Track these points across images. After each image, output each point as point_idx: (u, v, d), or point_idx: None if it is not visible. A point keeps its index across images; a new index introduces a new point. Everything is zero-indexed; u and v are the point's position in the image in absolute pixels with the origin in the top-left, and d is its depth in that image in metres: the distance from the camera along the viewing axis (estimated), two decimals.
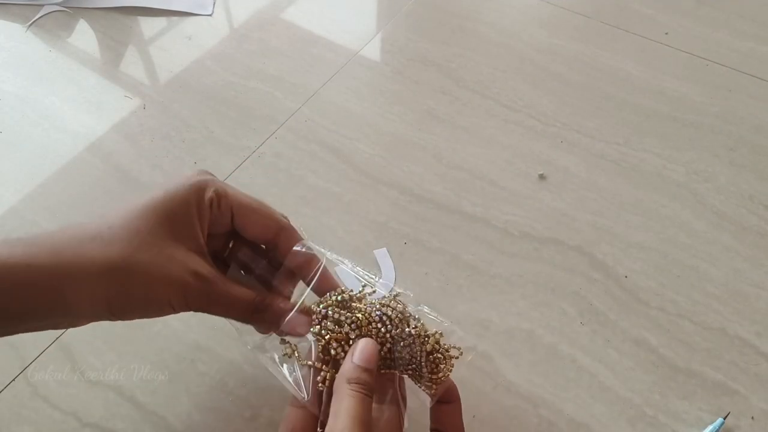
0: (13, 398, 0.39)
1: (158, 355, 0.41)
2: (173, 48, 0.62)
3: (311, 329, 0.32)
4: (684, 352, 0.41)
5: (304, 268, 0.34)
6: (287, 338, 0.33)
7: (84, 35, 0.63)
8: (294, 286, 0.35)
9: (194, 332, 0.42)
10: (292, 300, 0.34)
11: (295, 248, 0.34)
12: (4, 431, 0.37)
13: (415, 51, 0.61)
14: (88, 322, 0.31)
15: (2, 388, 0.39)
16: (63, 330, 0.42)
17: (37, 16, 0.64)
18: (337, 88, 0.58)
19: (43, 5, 0.65)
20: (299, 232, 0.35)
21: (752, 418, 0.38)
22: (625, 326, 0.42)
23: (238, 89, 0.58)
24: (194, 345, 0.41)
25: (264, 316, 0.32)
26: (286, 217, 0.35)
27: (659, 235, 0.47)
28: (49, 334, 0.41)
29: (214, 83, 0.58)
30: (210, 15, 0.66)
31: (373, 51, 0.62)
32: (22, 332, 0.29)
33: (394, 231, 0.47)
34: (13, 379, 0.39)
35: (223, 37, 0.63)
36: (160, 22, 0.65)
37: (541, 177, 0.51)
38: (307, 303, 0.33)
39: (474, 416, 0.38)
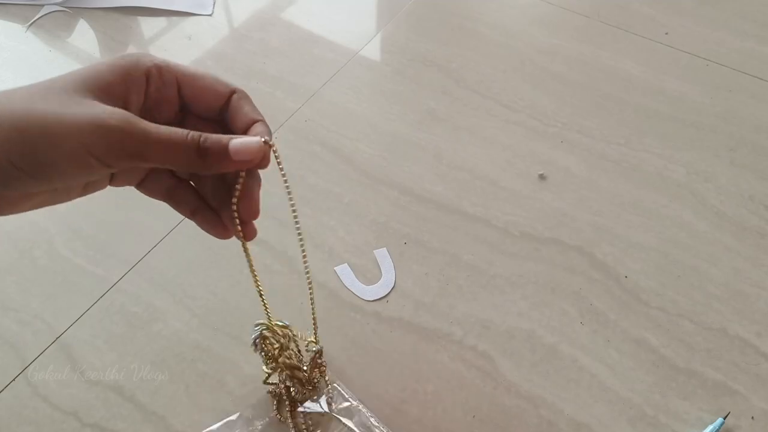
0: (14, 398, 0.39)
1: (158, 355, 0.41)
2: (173, 48, 0.62)
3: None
4: (684, 352, 0.41)
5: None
6: None
7: (84, 35, 0.63)
8: None
9: (194, 332, 0.42)
10: None
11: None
12: (4, 431, 0.37)
13: (416, 51, 0.61)
14: (8, 191, 0.27)
15: (2, 388, 0.39)
16: (63, 330, 0.42)
17: (37, 16, 0.64)
18: (337, 88, 0.58)
19: (43, 5, 0.65)
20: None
21: (752, 418, 0.38)
22: (626, 326, 0.42)
23: None
24: (194, 345, 0.41)
25: (208, 148, 0.28)
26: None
27: (659, 235, 0.47)
28: (49, 334, 0.41)
29: None
30: (210, 15, 0.66)
31: (373, 51, 0.62)
32: None
33: (394, 231, 0.47)
34: (13, 379, 0.39)
35: (223, 37, 0.63)
36: (160, 22, 0.65)
37: (542, 177, 0.51)
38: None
39: (474, 416, 0.38)
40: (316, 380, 0.39)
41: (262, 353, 0.37)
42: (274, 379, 0.39)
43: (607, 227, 0.48)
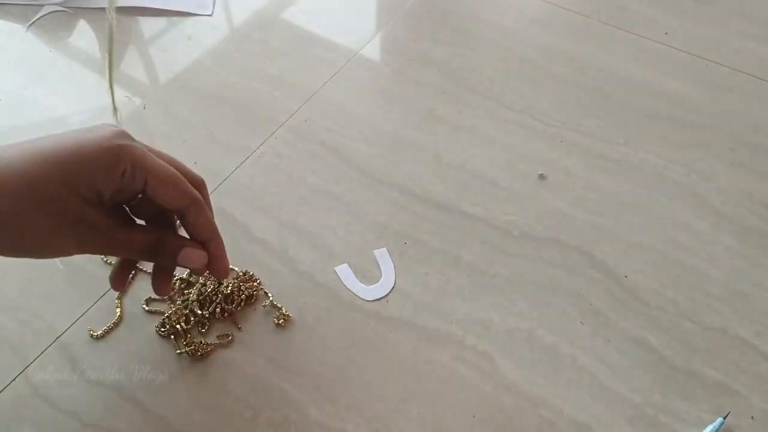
0: (14, 398, 0.39)
1: (158, 355, 0.41)
2: (173, 48, 0.62)
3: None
4: (684, 352, 0.41)
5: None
6: None
7: (84, 35, 0.63)
8: None
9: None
10: None
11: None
12: (4, 431, 0.37)
13: (416, 51, 0.61)
14: None
15: (2, 388, 0.39)
16: (63, 330, 0.42)
17: (37, 17, 0.64)
18: (337, 88, 0.58)
19: (43, 5, 0.65)
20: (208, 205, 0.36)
21: (752, 418, 0.39)
22: (626, 326, 0.42)
23: (239, 89, 0.58)
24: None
25: (160, 252, 0.34)
26: (203, 185, 0.37)
27: (659, 235, 0.47)
28: (49, 334, 0.41)
29: (214, 83, 0.58)
30: (210, 15, 0.66)
31: (373, 51, 0.62)
32: None
33: (394, 231, 0.47)
34: (13, 379, 0.40)
35: (223, 37, 0.63)
36: (160, 22, 0.65)
37: (541, 177, 0.51)
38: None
39: (474, 416, 0.38)
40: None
41: None
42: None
43: (606, 227, 0.48)
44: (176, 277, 0.44)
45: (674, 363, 0.41)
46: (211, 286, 0.43)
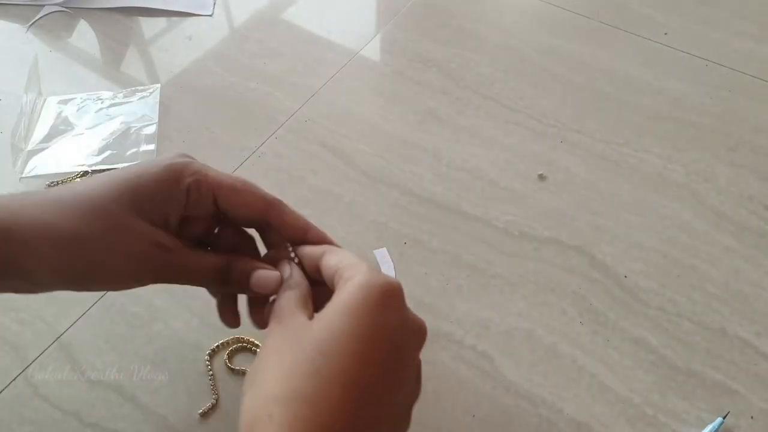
0: (14, 398, 0.39)
1: (158, 355, 0.41)
2: (173, 48, 0.62)
3: None
4: (684, 352, 0.41)
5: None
6: None
7: (84, 36, 0.63)
8: None
9: (194, 332, 0.42)
10: None
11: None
12: (4, 431, 0.37)
13: (416, 51, 0.61)
14: (50, 290, 0.30)
15: (3, 388, 0.39)
16: (63, 330, 0.42)
17: (37, 17, 0.64)
18: (337, 88, 0.58)
19: (43, 6, 0.65)
20: (293, 212, 0.33)
21: (752, 417, 0.39)
22: (625, 326, 0.42)
23: (239, 89, 0.58)
24: (194, 345, 0.41)
25: (230, 277, 0.32)
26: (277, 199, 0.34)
27: (659, 235, 0.47)
28: (49, 334, 0.41)
29: (214, 83, 0.58)
30: (210, 15, 0.66)
31: (373, 51, 0.62)
32: None
33: (394, 231, 0.47)
34: (14, 379, 0.40)
35: (224, 37, 0.63)
36: (160, 22, 0.65)
37: (541, 177, 0.51)
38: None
39: (474, 416, 0.38)
40: None
41: None
42: None
43: (606, 227, 0.48)
44: None
45: (674, 363, 0.41)
46: None
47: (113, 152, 0.52)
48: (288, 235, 0.33)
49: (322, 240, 0.33)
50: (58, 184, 0.49)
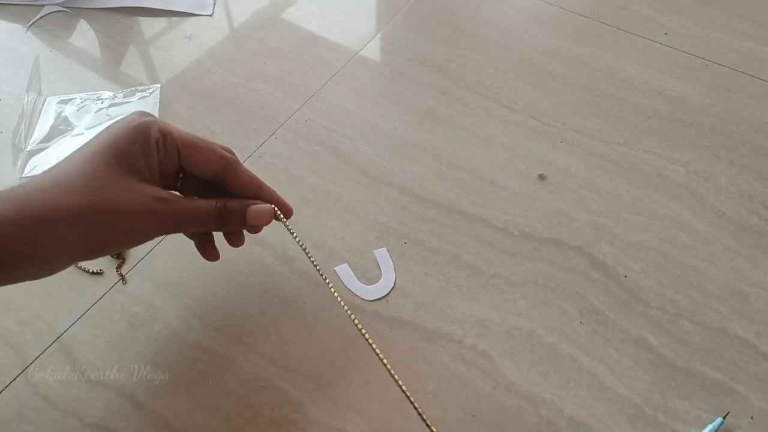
0: (14, 398, 0.39)
1: (158, 355, 0.41)
2: (173, 48, 0.62)
3: None
4: (684, 352, 0.41)
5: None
6: None
7: (84, 36, 0.63)
8: None
9: (194, 332, 0.42)
10: None
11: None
12: (4, 431, 0.37)
13: (415, 51, 0.61)
14: (67, 266, 0.33)
15: (2, 388, 0.39)
16: (63, 330, 0.42)
17: (37, 17, 0.64)
18: (337, 88, 0.58)
19: (43, 5, 0.65)
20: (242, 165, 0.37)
21: (752, 417, 0.39)
22: (625, 326, 0.42)
23: (239, 89, 0.58)
24: (194, 345, 0.41)
25: (229, 217, 0.36)
26: (231, 152, 0.38)
27: (659, 235, 0.47)
28: (49, 334, 0.41)
29: (214, 83, 0.58)
30: (210, 15, 0.66)
31: (373, 51, 0.62)
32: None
33: (394, 231, 0.47)
34: (14, 379, 0.40)
35: (224, 37, 0.63)
36: (160, 22, 0.65)
37: (541, 177, 0.51)
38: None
39: (474, 416, 0.38)
40: None
41: None
42: None
43: (606, 227, 0.48)
44: None
45: (674, 363, 0.41)
46: None
47: None
48: (242, 190, 0.36)
49: (273, 197, 0.37)
50: None
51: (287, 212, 0.38)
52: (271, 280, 0.44)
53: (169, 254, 0.46)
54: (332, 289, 0.36)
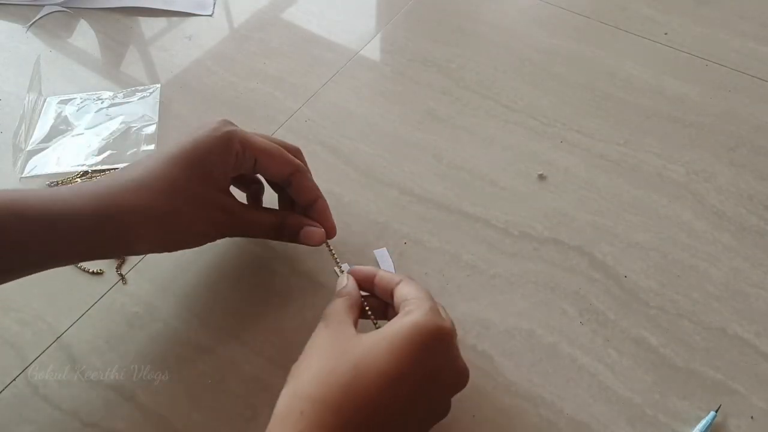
0: (14, 398, 0.39)
1: (158, 355, 0.41)
2: (173, 48, 0.62)
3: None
4: (684, 352, 0.41)
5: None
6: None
7: (84, 36, 0.63)
8: None
9: (194, 332, 0.42)
10: None
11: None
12: (4, 431, 0.37)
13: (415, 51, 0.61)
14: (143, 254, 0.41)
15: (3, 388, 0.39)
16: (63, 330, 0.42)
17: (37, 17, 0.64)
18: (337, 89, 0.58)
19: (43, 5, 0.65)
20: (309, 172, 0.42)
21: (752, 417, 0.39)
22: (625, 326, 0.42)
23: (239, 89, 0.58)
24: (194, 345, 0.41)
25: (284, 231, 0.40)
26: (300, 153, 0.43)
27: (659, 235, 0.47)
28: (49, 334, 0.41)
29: (214, 83, 0.58)
30: (210, 15, 0.66)
31: (373, 51, 0.62)
32: (88, 260, 0.40)
33: (394, 231, 0.47)
34: (14, 379, 0.40)
35: (223, 37, 0.63)
36: (160, 22, 0.65)
37: (541, 177, 0.51)
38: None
39: (474, 416, 0.38)
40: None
41: None
42: None
43: (606, 227, 0.48)
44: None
45: (674, 363, 0.41)
46: None
47: (113, 152, 0.52)
48: (302, 197, 0.41)
49: (323, 212, 0.41)
50: (58, 183, 0.49)
51: (332, 231, 0.42)
52: (271, 280, 0.44)
53: (169, 254, 0.46)
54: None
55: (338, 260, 0.41)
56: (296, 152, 0.42)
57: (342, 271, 0.39)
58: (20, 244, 0.33)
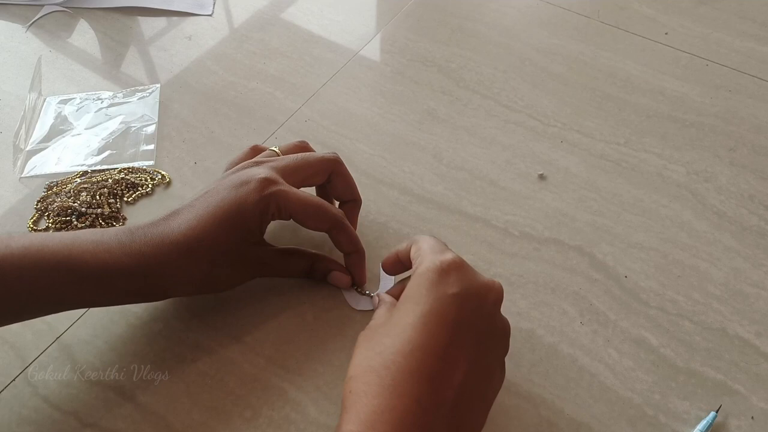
0: (14, 398, 0.39)
1: (158, 355, 0.41)
2: (173, 48, 0.62)
3: None
4: (684, 352, 0.41)
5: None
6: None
7: (84, 35, 0.63)
8: None
9: (194, 332, 0.42)
10: None
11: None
12: (4, 431, 0.37)
13: (415, 51, 0.61)
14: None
15: (2, 388, 0.39)
16: (63, 330, 0.42)
17: (37, 17, 0.64)
18: (337, 88, 0.58)
19: (43, 5, 0.65)
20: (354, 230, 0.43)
21: (752, 418, 0.38)
22: (625, 326, 0.42)
23: (239, 89, 0.58)
24: (194, 345, 0.41)
25: (315, 274, 0.43)
26: (340, 162, 0.44)
27: (659, 235, 0.47)
28: (49, 334, 0.41)
29: (214, 83, 0.58)
30: (210, 15, 0.66)
31: (373, 51, 0.62)
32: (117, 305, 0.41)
33: (394, 231, 0.47)
34: (14, 379, 0.40)
35: (223, 37, 0.63)
36: (160, 22, 0.65)
37: (541, 177, 0.51)
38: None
39: None
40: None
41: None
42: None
43: (607, 227, 0.48)
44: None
45: (674, 363, 0.41)
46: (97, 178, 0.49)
47: (113, 152, 0.52)
48: (339, 249, 0.42)
49: (355, 266, 0.43)
50: (57, 184, 0.49)
51: (360, 282, 0.43)
52: (270, 280, 0.44)
53: None
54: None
55: (368, 291, 0.44)
56: (334, 161, 0.44)
57: (371, 297, 0.43)
58: (64, 295, 0.36)
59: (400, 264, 0.39)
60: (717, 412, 0.38)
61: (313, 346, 0.41)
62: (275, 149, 0.44)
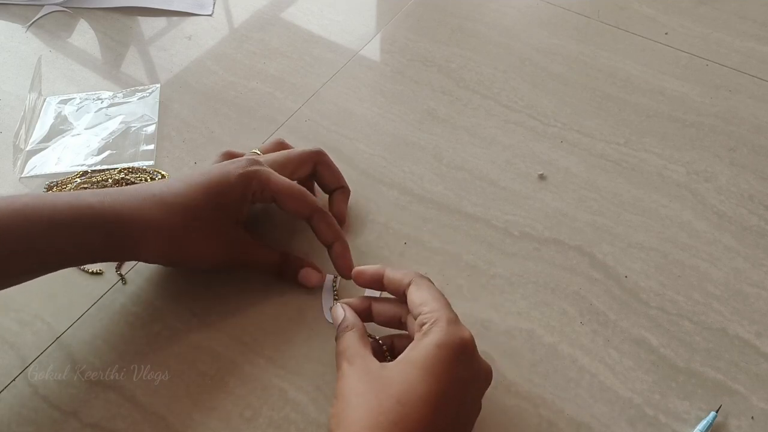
0: (14, 398, 0.39)
1: (158, 355, 0.41)
2: (173, 48, 0.62)
3: None
4: (684, 352, 0.41)
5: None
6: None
7: (84, 35, 0.63)
8: None
9: (194, 332, 0.42)
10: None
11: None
12: (4, 431, 0.37)
13: (415, 51, 0.61)
14: (148, 263, 0.41)
15: (2, 388, 0.39)
16: (63, 330, 0.42)
17: (37, 16, 0.64)
18: (337, 88, 0.58)
19: (43, 5, 0.65)
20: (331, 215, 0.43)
21: (752, 418, 0.38)
22: (626, 326, 0.42)
23: (239, 89, 0.58)
24: (194, 345, 0.41)
25: (286, 270, 0.42)
26: (325, 155, 0.45)
27: (659, 235, 0.47)
28: (49, 334, 0.41)
29: (214, 83, 0.58)
30: (210, 15, 0.66)
31: (373, 51, 0.62)
32: (95, 262, 0.39)
33: (394, 231, 0.47)
34: (14, 379, 0.40)
35: (223, 37, 0.63)
36: (160, 22, 0.65)
37: (541, 177, 0.51)
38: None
39: None
40: None
41: None
42: None
43: (607, 227, 0.48)
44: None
45: (674, 363, 0.41)
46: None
47: (113, 152, 0.52)
48: (320, 239, 0.42)
49: (339, 256, 0.42)
50: (57, 184, 0.49)
51: (345, 273, 0.42)
52: (270, 280, 0.44)
53: None
54: None
55: (336, 298, 0.43)
56: (317, 152, 0.45)
57: (335, 302, 0.40)
58: (35, 242, 0.35)
59: (379, 284, 0.39)
60: (717, 412, 0.38)
61: (313, 346, 0.41)
62: (256, 150, 0.46)
